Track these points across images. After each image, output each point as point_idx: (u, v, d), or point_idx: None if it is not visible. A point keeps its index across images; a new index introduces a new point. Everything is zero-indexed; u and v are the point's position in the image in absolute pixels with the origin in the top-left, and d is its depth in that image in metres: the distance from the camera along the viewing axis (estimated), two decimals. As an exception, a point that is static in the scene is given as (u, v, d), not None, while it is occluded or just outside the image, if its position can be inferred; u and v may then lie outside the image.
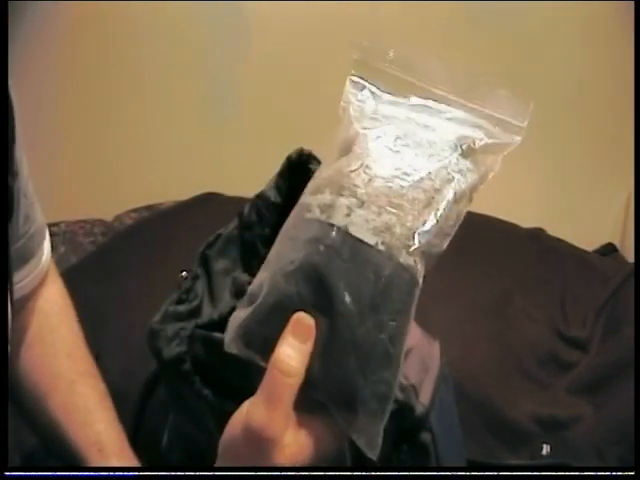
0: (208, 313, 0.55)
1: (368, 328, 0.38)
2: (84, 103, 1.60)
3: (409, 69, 0.47)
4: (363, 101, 0.47)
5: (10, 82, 0.57)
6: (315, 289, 0.39)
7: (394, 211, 0.40)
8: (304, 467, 0.41)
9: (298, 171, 0.56)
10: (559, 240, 1.46)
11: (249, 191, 0.62)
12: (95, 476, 0.48)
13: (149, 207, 1.55)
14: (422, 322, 0.69)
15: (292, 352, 0.37)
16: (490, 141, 0.44)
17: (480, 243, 1.39)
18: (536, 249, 1.41)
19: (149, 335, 0.56)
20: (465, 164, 0.43)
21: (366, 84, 0.47)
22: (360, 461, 0.50)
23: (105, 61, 1.58)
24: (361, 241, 0.39)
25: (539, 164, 1.62)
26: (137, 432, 0.88)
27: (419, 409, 0.55)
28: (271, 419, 0.37)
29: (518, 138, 0.45)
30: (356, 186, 0.41)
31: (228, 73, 1.62)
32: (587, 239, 1.51)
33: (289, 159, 0.57)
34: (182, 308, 0.55)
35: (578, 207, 1.64)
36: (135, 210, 1.54)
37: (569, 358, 1.14)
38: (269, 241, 0.57)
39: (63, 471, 0.48)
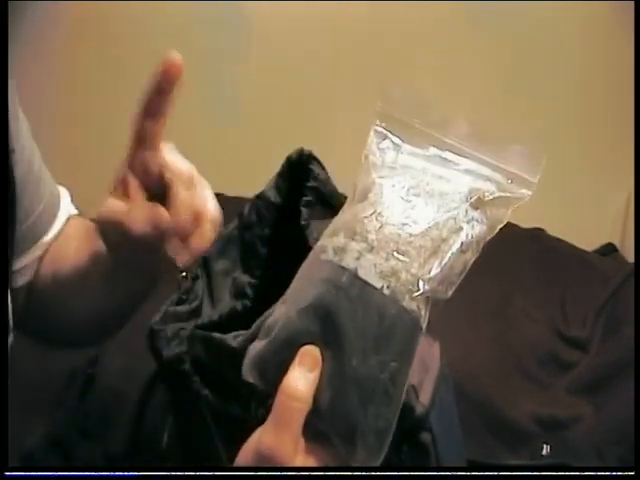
0: (208, 313, 0.55)
1: (370, 366, 0.41)
2: (84, 103, 1.60)
3: (431, 121, 0.49)
4: (384, 150, 0.49)
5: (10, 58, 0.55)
6: (324, 326, 0.41)
7: (401, 257, 0.42)
8: (304, 467, 0.41)
9: (298, 171, 0.56)
10: (559, 240, 1.46)
11: (249, 191, 0.62)
12: (95, 476, 0.48)
13: (149, 207, 1.55)
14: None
15: (300, 378, 0.39)
16: (500, 194, 0.46)
17: (480, 243, 1.39)
18: (536, 249, 1.41)
19: (149, 335, 0.56)
20: (474, 215, 0.45)
21: (388, 134, 0.49)
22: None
23: (105, 61, 1.58)
24: (368, 284, 0.41)
25: (539, 164, 1.62)
26: (137, 432, 0.88)
27: (419, 409, 0.55)
28: (281, 443, 0.38)
29: (529, 192, 0.47)
30: (368, 232, 0.43)
31: (228, 73, 1.62)
32: (587, 239, 1.51)
33: (289, 159, 0.57)
34: (182, 308, 0.55)
35: (578, 207, 1.64)
36: (135, 210, 1.54)
37: (569, 358, 1.14)
38: (269, 241, 0.58)
39: (63, 471, 0.48)
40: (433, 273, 0.43)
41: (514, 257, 1.36)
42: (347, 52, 1.58)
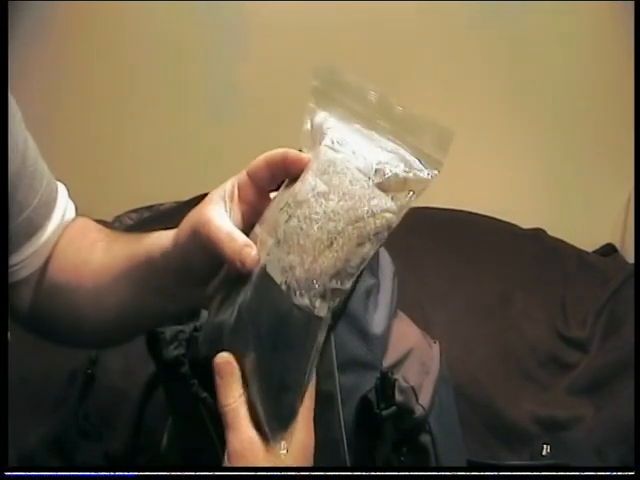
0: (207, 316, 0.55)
1: (269, 360, 0.43)
2: (83, 103, 1.60)
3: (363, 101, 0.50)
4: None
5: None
6: (240, 327, 0.44)
7: (298, 251, 0.43)
8: (304, 467, 0.42)
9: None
10: (559, 240, 1.46)
11: (249, 192, 0.62)
12: (95, 476, 0.48)
13: (149, 207, 1.55)
14: (422, 322, 0.69)
15: (221, 388, 0.45)
16: (406, 175, 0.45)
17: (480, 243, 1.39)
18: (536, 249, 1.41)
19: (148, 338, 0.56)
20: (376, 204, 0.44)
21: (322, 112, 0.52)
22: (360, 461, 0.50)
23: (105, 61, 1.58)
24: (272, 279, 0.43)
25: (540, 164, 1.62)
26: (137, 432, 0.88)
27: (418, 411, 0.55)
28: (242, 440, 0.44)
29: (435, 172, 0.46)
30: (278, 225, 0.44)
31: (228, 73, 1.62)
32: (587, 239, 1.51)
33: (289, 160, 0.57)
34: (181, 309, 0.55)
35: (578, 207, 1.64)
36: (135, 210, 1.54)
37: (569, 359, 1.14)
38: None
39: (63, 471, 0.48)
40: (326, 268, 0.43)
41: (514, 257, 1.37)
42: (347, 52, 1.57)
